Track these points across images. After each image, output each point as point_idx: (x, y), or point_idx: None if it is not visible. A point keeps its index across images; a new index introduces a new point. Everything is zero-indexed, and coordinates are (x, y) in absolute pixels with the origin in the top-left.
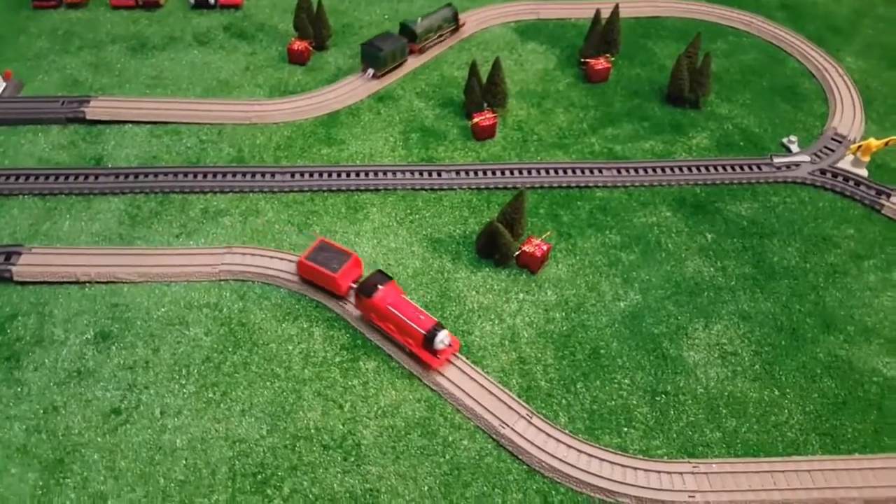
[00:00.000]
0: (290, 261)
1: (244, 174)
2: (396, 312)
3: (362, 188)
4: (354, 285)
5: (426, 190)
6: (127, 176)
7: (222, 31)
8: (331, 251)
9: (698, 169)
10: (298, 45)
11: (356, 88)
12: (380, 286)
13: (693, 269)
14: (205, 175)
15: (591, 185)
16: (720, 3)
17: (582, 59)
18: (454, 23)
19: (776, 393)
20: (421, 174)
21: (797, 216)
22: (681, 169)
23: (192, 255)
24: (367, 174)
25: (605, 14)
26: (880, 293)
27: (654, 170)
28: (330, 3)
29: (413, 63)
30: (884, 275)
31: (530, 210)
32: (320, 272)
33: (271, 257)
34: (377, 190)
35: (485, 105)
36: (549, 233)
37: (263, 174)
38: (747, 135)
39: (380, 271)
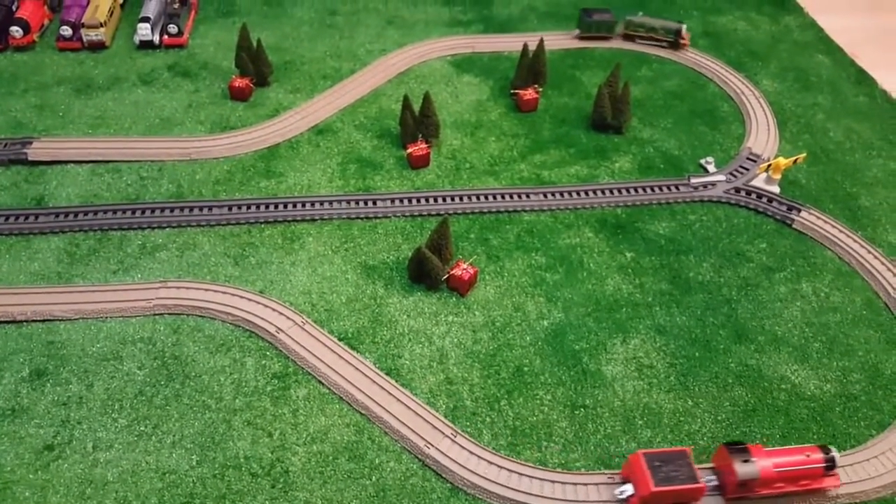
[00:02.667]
0: (224, 293)
1: (182, 209)
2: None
3: (299, 219)
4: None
5: (361, 218)
6: (67, 215)
7: (166, 71)
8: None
9: (620, 191)
10: (239, 82)
11: (296, 122)
12: (746, 461)
13: (613, 287)
14: (143, 211)
15: (518, 209)
16: None
17: (512, 90)
18: (673, 36)
19: (689, 403)
20: (357, 203)
21: (712, 233)
22: (603, 192)
23: (127, 290)
24: (304, 205)
25: (533, 47)
26: (790, 303)
27: (578, 193)
28: (272, 42)
29: (351, 97)
30: (793, 286)
31: (462, 235)
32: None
33: (206, 290)
34: (313, 220)
35: (419, 136)
36: (475, 257)
37: (201, 208)
38: (667, 157)
39: (729, 448)
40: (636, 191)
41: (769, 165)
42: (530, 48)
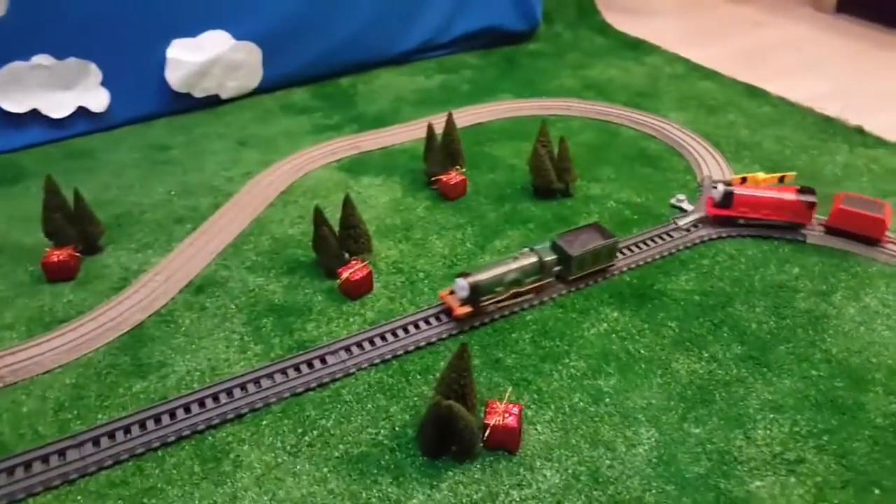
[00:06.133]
0: None
1: (8, 472)
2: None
3: (216, 422)
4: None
5: (313, 389)
6: None
7: None
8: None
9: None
10: (58, 254)
11: (159, 287)
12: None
13: (685, 370)
14: None
15: (515, 310)
16: (524, 97)
17: (432, 178)
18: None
19: (877, 492)
20: (297, 370)
21: (739, 273)
22: None
23: None
24: (215, 399)
25: (439, 128)
26: (871, 323)
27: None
28: (91, 197)
29: (227, 235)
30: (857, 303)
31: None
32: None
33: None
34: (240, 417)
35: (346, 256)
36: (509, 390)
37: (46, 459)
38: (633, 207)
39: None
40: (630, 250)
41: (744, 179)
42: (437, 129)
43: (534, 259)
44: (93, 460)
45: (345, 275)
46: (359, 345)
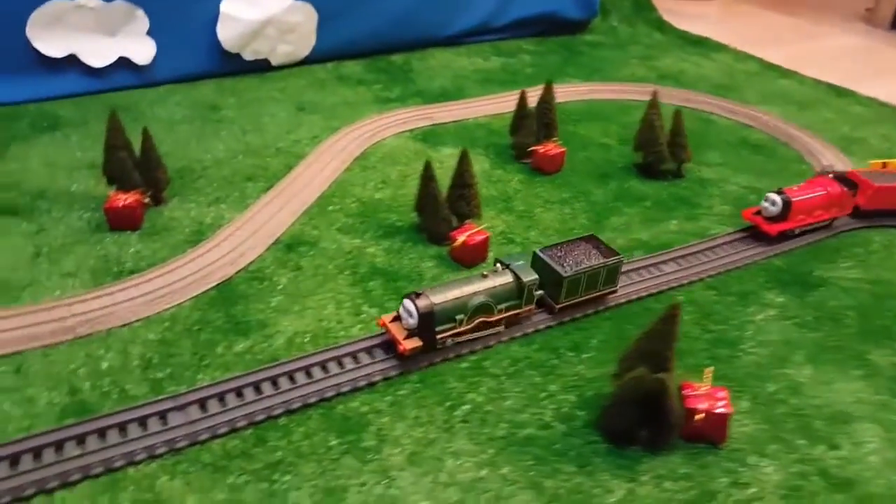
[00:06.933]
0: None
1: (100, 435)
2: None
3: (346, 390)
4: None
5: (450, 360)
6: None
7: None
8: None
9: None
10: (123, 199)
11: (245, 242)
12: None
13: (886, 362)
14: (13, 462)
15: (653, 291)
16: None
17: (526, 150)
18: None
19: None
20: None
21: None
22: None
23: None
24: (340, 364)
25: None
26: None
27: (711, 251)
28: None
29: (308, 196)
30: None
31: (601, 344)
32: None
33: None
34: (372, 385)
35: (453, 221)
36: (709, 370)
37: (144, 423)
38: (759, 193)
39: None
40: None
41: (884, 164)
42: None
43: (508, 279)
44: (203, 426)
45: (461, 238)
46: None
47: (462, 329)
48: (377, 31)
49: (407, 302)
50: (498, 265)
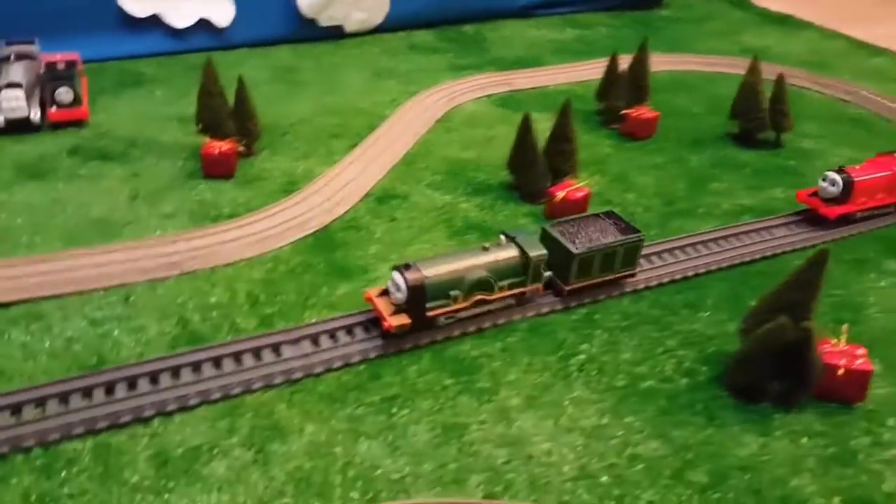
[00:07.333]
0: None
1: (215, 363)
2: None
3: (455, 334)
4: None
5: (557, 312)
6: None
7: (67, 157)
8: None
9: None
10: (219, 146)
11: (340, 192)
12: None
13: None
14: (131, 385)
15: (769, 253)
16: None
17: (616, 115)
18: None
19: None
20: None
21: None
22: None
23: None
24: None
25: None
26: None
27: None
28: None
29: (393, 154)
30: None
31: (717, 309)
32: None
33: None
34: (481, 332)
35: (549, 179)
36: (845, 327)
37: (258, 354)
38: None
39: None
40: None
41: None
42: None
43: (513, 253)
44: (318, 360)
45: (561, 193)
46: None
47: (457, 307)
48: (449, 1)
49: (395, 274)
50: (502, 237)
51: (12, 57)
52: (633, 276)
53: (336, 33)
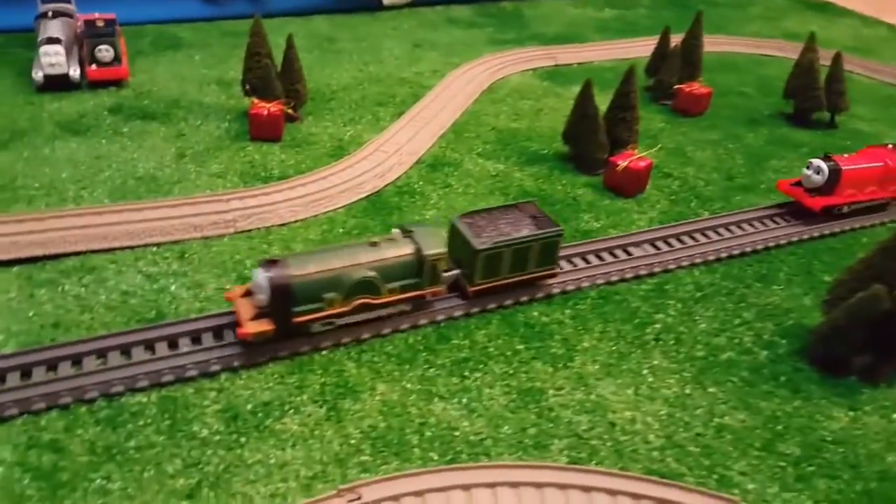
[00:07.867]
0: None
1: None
2: None
3: (523, 300)
4: None
5: (627, 281)
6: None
7: (108, 115)
8: None
9: None
10: (268, 107)
11: (391, 158)
12: None
13: None
14: (194, 339)
15: (837, 230)
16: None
17: (668, 90)
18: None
19: None
20: (599, 258)
21: None
22: None
23: None
24: None
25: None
26: None
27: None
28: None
29: (441, 122)
30: None
31: (791, 284)
32: None
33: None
34: (549, 298)
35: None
36: None
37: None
38: None
39: None
40: None
41: None
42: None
43: (405, 250)
44: (385, 322)
45: (623, 163)
46: (665, 241)
47: (333, 311)
48: None
49: (258, 272)
50: (396, 231)
51: (50, 13)
52: (554, 274)
53: (372, 5)
